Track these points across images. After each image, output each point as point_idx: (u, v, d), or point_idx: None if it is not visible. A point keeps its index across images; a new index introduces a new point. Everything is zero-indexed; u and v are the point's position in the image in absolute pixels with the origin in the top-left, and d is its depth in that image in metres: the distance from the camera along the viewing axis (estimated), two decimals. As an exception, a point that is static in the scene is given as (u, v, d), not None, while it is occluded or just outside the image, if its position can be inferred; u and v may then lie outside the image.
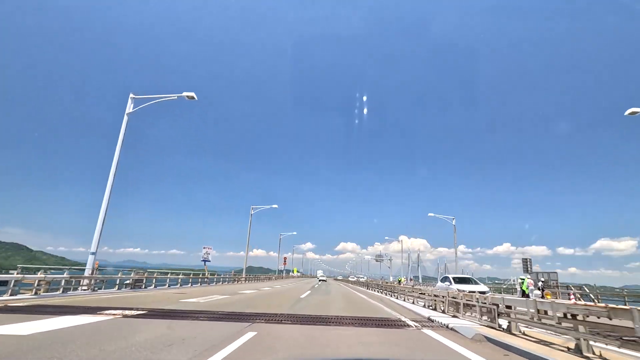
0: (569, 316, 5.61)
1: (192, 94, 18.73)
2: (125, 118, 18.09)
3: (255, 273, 64.43)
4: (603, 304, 6.10)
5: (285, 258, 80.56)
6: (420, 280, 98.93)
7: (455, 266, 48.27)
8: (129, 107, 18.35)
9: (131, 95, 18.53)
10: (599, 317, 5.03)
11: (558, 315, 5.78)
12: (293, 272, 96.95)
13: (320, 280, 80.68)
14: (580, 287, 25.72)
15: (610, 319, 4.87)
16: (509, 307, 7.41)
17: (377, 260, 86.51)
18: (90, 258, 15.55)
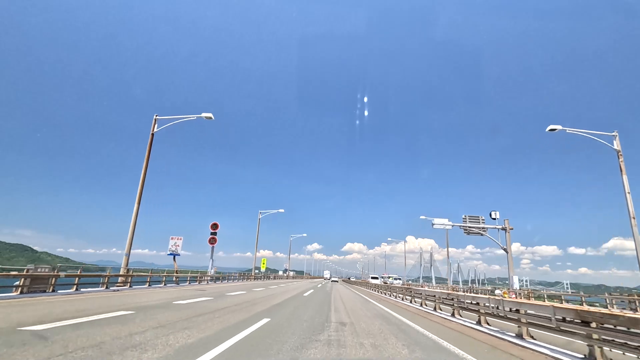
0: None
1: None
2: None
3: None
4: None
5: (214, 225, 33.83)
6: (434, 282, 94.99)
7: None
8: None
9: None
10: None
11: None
12: (261, 267, 59.58)
13: (332, 281, 70.56)
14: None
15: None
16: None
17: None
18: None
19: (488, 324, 9.86)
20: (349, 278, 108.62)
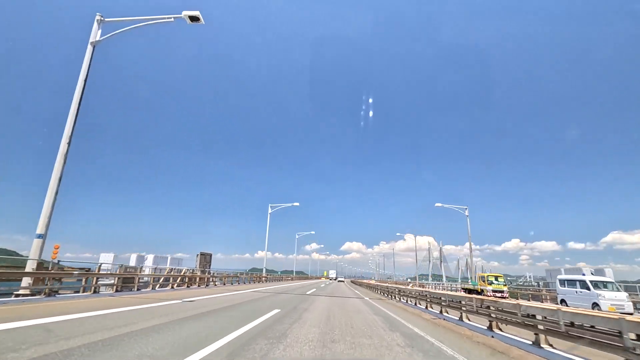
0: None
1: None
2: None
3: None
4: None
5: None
6: (444, 281, 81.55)
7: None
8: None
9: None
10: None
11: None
12: None
13: (338, 281, 67.36)
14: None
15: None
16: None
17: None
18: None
19: None
20: (389, 280, 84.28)
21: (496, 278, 27.84)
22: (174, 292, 14.86)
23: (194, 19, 12.90)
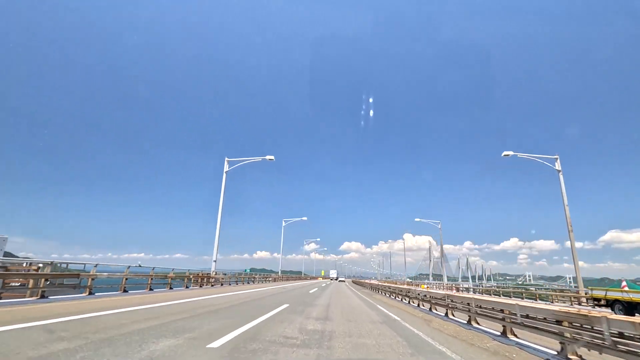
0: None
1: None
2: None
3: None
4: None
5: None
6: (446, 280, 79.84)
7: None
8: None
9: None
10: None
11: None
12: None
13: (339, 281, 62.96)
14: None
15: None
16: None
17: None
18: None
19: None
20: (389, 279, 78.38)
21: None
22: None
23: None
